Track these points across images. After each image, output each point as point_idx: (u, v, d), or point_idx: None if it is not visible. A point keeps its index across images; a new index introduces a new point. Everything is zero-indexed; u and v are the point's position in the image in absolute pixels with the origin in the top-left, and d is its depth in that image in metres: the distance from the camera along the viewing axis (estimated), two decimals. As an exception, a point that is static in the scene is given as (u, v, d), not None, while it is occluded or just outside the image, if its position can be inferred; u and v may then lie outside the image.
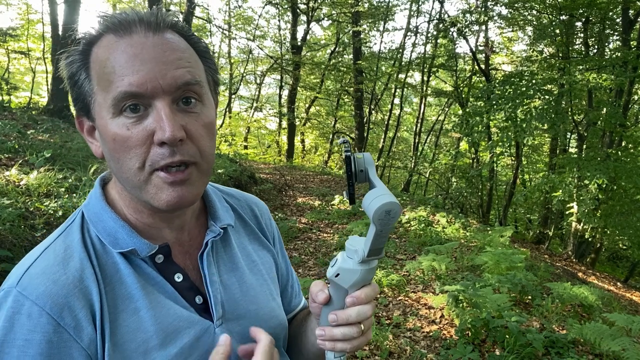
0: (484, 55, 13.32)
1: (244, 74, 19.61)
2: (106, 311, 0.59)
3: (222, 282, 0.70)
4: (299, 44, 17.30)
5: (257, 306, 0.73)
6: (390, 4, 17.01)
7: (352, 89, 17.24)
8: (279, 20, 19.35)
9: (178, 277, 0.66)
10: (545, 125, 8.82)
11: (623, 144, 9.90)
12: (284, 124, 18.68)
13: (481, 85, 12.66)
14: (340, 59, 19.00)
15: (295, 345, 0.83)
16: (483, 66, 12.96)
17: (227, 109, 19.39)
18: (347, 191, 0.62)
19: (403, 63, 15.79)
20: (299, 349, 0.82)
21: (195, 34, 0.65)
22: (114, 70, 0.56)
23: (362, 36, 17.13)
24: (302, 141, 22.11)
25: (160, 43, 0.58)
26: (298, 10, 17.25)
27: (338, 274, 0.63)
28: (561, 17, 10.43)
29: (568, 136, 13.04)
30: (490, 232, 7.17)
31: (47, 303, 0.56)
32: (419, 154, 16.59)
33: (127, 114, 0.57)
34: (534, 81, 8.93)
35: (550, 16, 11.14)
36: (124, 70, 0.56)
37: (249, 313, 0.71)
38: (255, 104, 19.60)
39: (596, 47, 11.65)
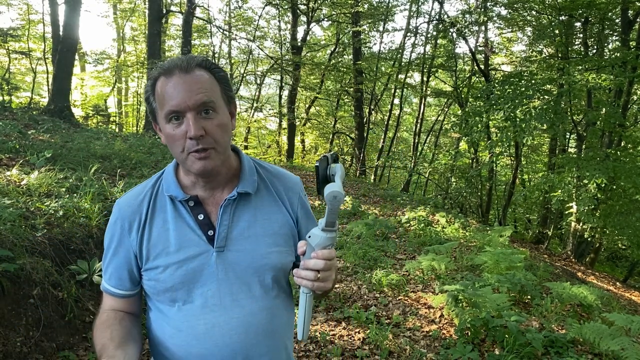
0: (483, 55, 13.33)
1: (244, 75, 19.60)
2: (148, 224, 1.06)
3: (231, 226, 1.06)
4: (299, 44, 17.30)
5: (253, 247, 1.06)
6: (390, 5, 17.02)
7: (352, 89, 17.25)
8: (279, 21, 19.37)
9: (200, 216, 1.05)
10: (545, 125, 8.83)
11: (622, 144, 9.91)
12: (284, 124, 18.69)
13: (480, 85, 12.66)
14: (340, 60, 18.99)
15: None
16: (482, 66, 12.96)
17: (227, 109, 19.33)
18: (317, 186, 0.97)
19: (403, 63, 15.79)
20: None
21: (196, 34, 0.89)
22: (164, 98, 0.98)
23: (362, 36, 17.14)
24: (302, 141, 22.12)
25: (189, 79, 0.98)
26: (298, 11, 17.26)
27: (309, 236, 0.96)
28: (560, 18, 10.44)
29: (567, 136, 13.06)
30: (489, 232, 7.18)
31: (121, 211, 1.08)
32: (418, 154, 16.59)
33: (172, 122, 0.99)
34: (533, 81, 8.94)
35: (550, 16, 11.15)
36: (169, 97, 0.97)
37: (245, 249, 1.05)
38: (255, 104, 19.59)
39: (595, 47, 11.66)
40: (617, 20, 10.48)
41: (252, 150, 19.01)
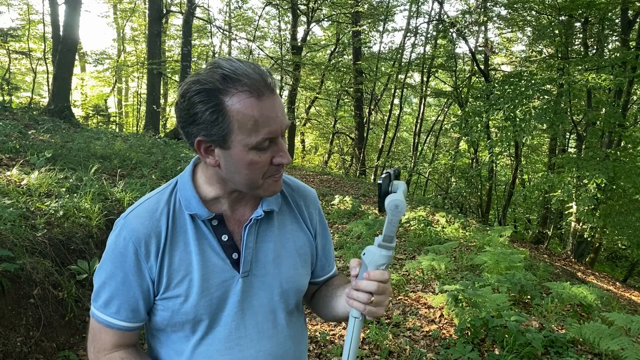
0: (483, 55, 13.33)
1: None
2: (168, 248, 0.91)
3: (256, 248, 0.97)
4: (299, 44, 17.31)
5: (278, 270, 0.98)
6: (389, 5, 17.02)
7: (352, 89, 17.25)
8: (279, 21, 19.38)
9: (224, 238, 0.95)
10: (545, 125, 8.83)
11: (622, 144, 9.90)
12: (284, 124, 18.65)
13: (480, 85, 12.66)
14: (340, 60, 19.00)
15: (327, 302, 1.08)
16: (482, 66, 12.96)
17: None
18: (378, 204, 0.92)
19: (403, 63, 15.80)
20: (330, 306, 1.07)
21: (196, 34, 0.80)
22: (259, 123, 0.84)
23: (362, 37, 17.14)
24: (302, 141, 22.13)
25: (278, 101, 0.87)
26: (298, 11, 17.26)
27: (364, 253, 0.90)
28: (560, 18, 10.45)
29: (567, 136, 13.06)
30: (489, 231, 7.18)
31: (134, 235, 0.90)
32: (418, 154, 16.60)
33: (259, 148, 0.86)
34: (533, 81, 8.94)
35: (550, 17, 11.15)
36: (266, 123, 0.84)
37: (269, 273, 0.97)
38: (255, 104, 19.53)
39: (595, 47, 11.66)
40: (617, 20, 10.48)
41: (252, 150, 18.97)
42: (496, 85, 9.55)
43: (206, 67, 0.86)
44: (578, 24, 11.02)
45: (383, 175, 0.91)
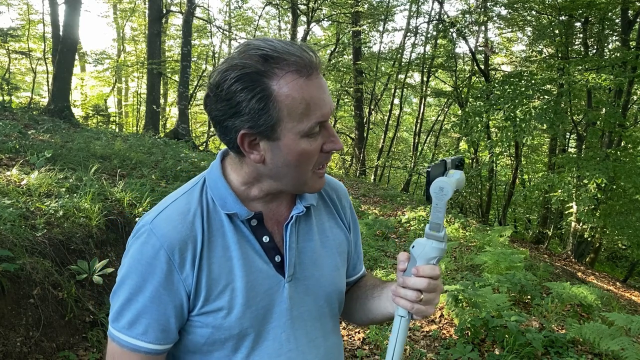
0: (483, 55, 13.33)
1: (244, 74, 19.60)
2: (205, 255, 0.79)
3: (298, 248, 0.88)
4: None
5: (321, 272, 0.90)
6: (390, 5, 17.02)
7: (352, 89, 17.25)
8: (279, 21, 19.39)
9: (265, 239, 0.85)
10: (545, 125, 8.83)
11: (622, 144, 9.91)
12: (284, 124, 18.66)
13: (480, 85, 12.66)
14: (340, 60, 19.00)
15: (363, 305, 1.01)
16: (482, 66, 12.96)
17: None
18: (425, 193, 0.83)
19: (403, 63, 15.80)
20: (367, 309, 1.00)
21: (196, 34, 0.76)
22: (310, 106, 0.75)
23: (362, 36, 17.14)
24: (302, 141, 22.09)
25: (324, 81, 0.78)
26: (298, 11, 17.26)
27: (414, 246, 0.82)
28: (560, 18, 10.45)
29: (567, 136, 13.06)
30: (489, 231, 7.18)
31: (166, 242, 0.77)
32: (418, 154, 16.60)
33: (311, 136, 0.77)
34: (533, 81, 8.94)
35: (550, 16, 11.15)
36: (317, 106, 0.75)
37: (313, 276, 0.89)
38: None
39: (595, 47, 11.66)
40: (617, 20, 10.48)
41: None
42: (496, 85, 9.55)
43: (239, 51, 0.76)
44: (578, 24, 11.03)
45: (437, 163, 0.83)
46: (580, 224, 9.17)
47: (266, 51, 0.73)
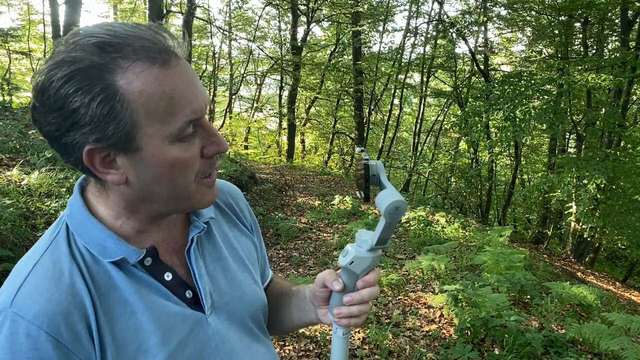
0: (483, 55, 13.34)
1: (244, 75, 19.61)
2: (102, 319, 0.61)
3: (209, 273, 0.74)
4: (299, 44, 17.31)
5: (241, 291, 0.78)
6: (389, 5, 17.03)
7: (352, 89, 17.25)
8: (279, 21, 19.38)
9: (167, 276, 0.69)
10: (544, 125, 8.84)
11: (622, 144, 9.91)
12: (284, 124, 18.69)
13: (480, 85, 12.68)
14: (340, 60, 19.00)
15: (274, 314, 0.91)
16: (482, 67, 12.97)
17: (228, 110, 19.40)
18: (364, 192, 0.73)
19: (402, 64, 15.81)
20: (279, 320, 0.91)
21: (196, 34, 0.70)
22: (174, 102, 0.58)
23: (362, 37, 17.14)
24: (302, 141, 22.11)
25: (190, 68, 0.62)
26: (298, 11, 17.26)
27: (352, 262, 0.73)
28: (560, 18, 10.45)
29: (567, 136, 13.07)
30: (489, 231, 7.18)
31: (44, 321, 0.57)
32: (418, 154, 16.61)
33: (183, 140, 0.61)
34: (532, 81, 8.95)
35: (550, 17, 11.16)
36: (184, 100, 0.59)
37: (234, 298, 0.76)
38: (255, 105, 19.61)
39: (595, 47, 11.67)
40: (616, 21, 10.49)
41: (252, 151, 19.02)
42: (496, 85, 9.56)
43: (65, 41, 0.58)
44: (578, 24, 11.03)
45: (365, 157, 0.74)
46: (580, 224, 9.17)
47: (103, 37, 0.56)
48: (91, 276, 0.63)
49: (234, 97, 19.93)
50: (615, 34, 11.14)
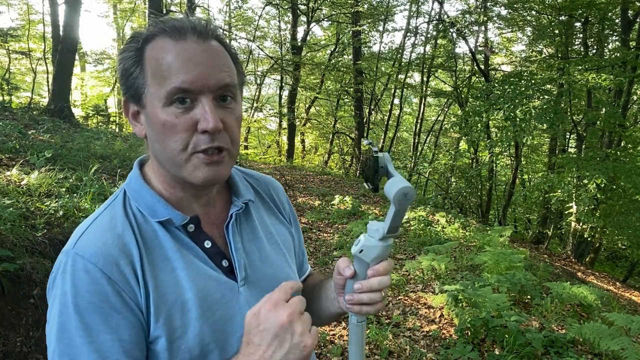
0: (483, 55, 13.33)
1: (244, 75, 19.61)
2: (147, 268, 0.70)
3: (245, 249, 0.81)
4: (299, 44, 17.30)
5: (274, 270, 0.83)
6: (389, 5, 17.03)
7: (352, 89, 17.25)
8: (279, 21, 19.37)
9: (207, 244, 0.77)
10: (545, 125, 8.83)
11: (622, 144, 9.91)
12: (284, 124, 18.69)
13: (480, 85, 12.67)
14: (340, 60, 19.00)
15: (311, 310, 0.91)
16: (482, 66, 12.96)
17: (227, 109, 19.37)
18: (372, 183, 0.76)
19: (403, 63, 15.80)
20: (314, 312, 0.92)
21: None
22: (170, 68, 0.68)
23: (362, 36, 17.14)
24: (302, 141, 22.11)
25: (208, 49, 0.71)
26: (298, 11, 17.25)
27: (362, 250, 0.75)
28: (560, 18, 10.45)
29: (567, 136, 13.07)
30: (489, 231, 7.18)
31: (99, 260, 0.67)
32: (418, 154, 16.60)
33: (176, 105, 0.69)
34: (533, 81, 8.94)
35: (550, 16, 11.16)
36: (179, 70, 0.68)
37: (267, 276, 0.82)
38: (255, 104, 19.60)
39: (595, 47, 11.67)
40: (617, 20, 10.48)
41: (252, 151, 19.02)
42: (496, 85, 9.55)
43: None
44: (578, 24, 11.03)
45: (374, 149, 0.77)
46: (580, 224, 9.17)
47: (167, 23, 0.71)
48: (140, 232, 0.73)
49: (234, 97, 19.88)
50: (615, 33, 11.14)
